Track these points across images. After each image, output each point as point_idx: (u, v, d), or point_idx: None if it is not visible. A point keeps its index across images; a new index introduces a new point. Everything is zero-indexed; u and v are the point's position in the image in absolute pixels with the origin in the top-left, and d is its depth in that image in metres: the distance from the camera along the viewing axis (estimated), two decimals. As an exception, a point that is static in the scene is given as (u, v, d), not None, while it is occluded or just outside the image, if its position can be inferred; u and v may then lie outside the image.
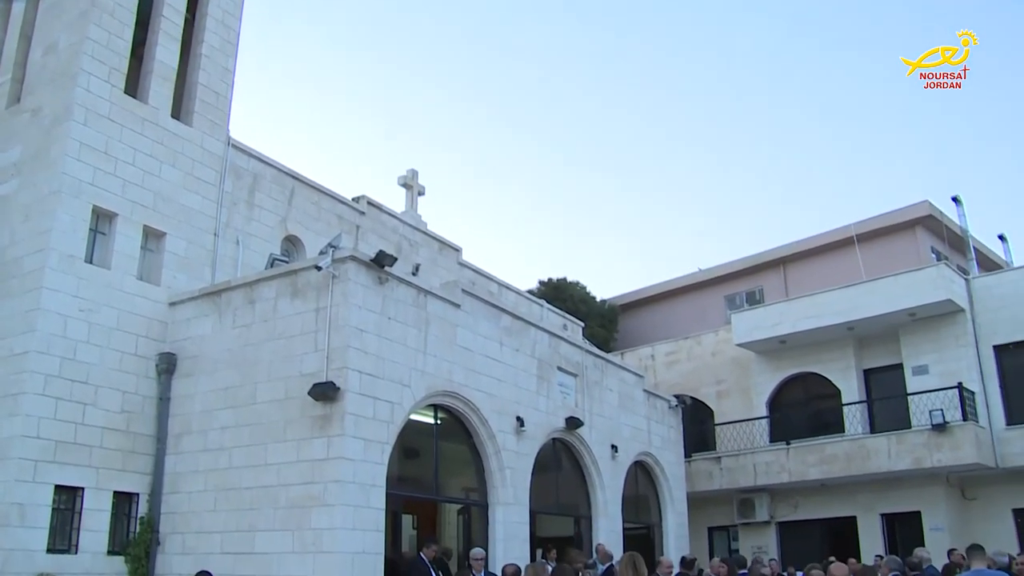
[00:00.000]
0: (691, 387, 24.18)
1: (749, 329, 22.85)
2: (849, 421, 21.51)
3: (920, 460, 19.20)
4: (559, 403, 16.14)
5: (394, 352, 12.34)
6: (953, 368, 20.27)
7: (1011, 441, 19.77)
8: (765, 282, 27.92)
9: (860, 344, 22.18)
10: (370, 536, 11.47)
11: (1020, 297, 20.24)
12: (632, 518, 18.66)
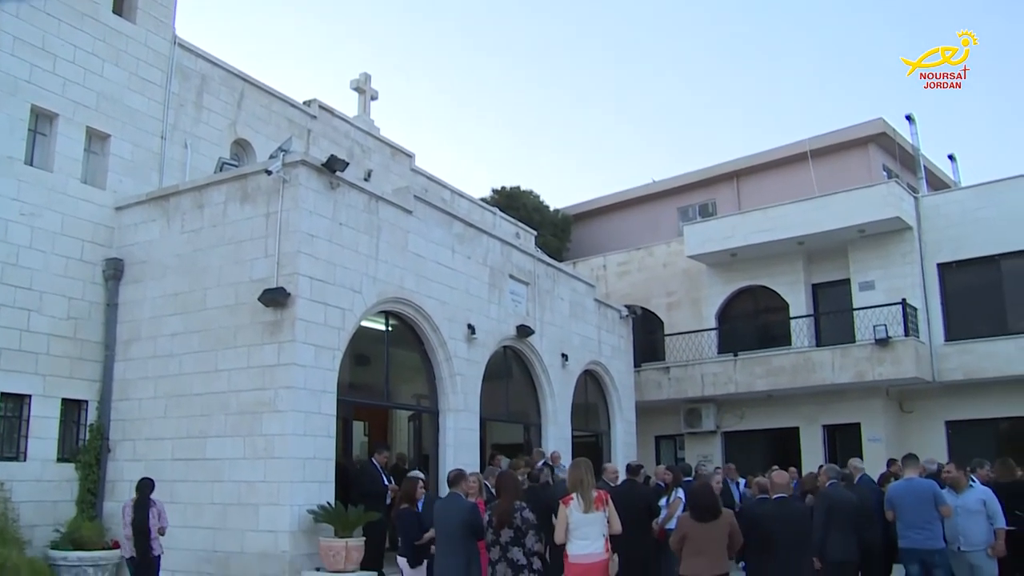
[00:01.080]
0: (642, 298, 24.35)
1: (701, 241, 22.97)
2: (796, 334, 21.88)
3: (862, 373, 19.66)
4: (510, 311, 16.20)
5: (345, 258, 12.23)
6: (898, 285, 20.64)
7: (948, 357, 20.30)
8: (718, 195, 27.99)
9: (809, 259, 22.44)
10: (321, 442, 11.52)
11: (966, 217, 20.52)
12: (581, 426, 18.95)
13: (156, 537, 10.23)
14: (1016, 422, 20.11)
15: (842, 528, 9.70)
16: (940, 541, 9.59)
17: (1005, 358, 19.48)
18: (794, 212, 21.45)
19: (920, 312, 20.37)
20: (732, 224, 22.68)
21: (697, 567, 7.87)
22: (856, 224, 20.59)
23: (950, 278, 20.81)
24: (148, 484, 10.39)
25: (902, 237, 20.88)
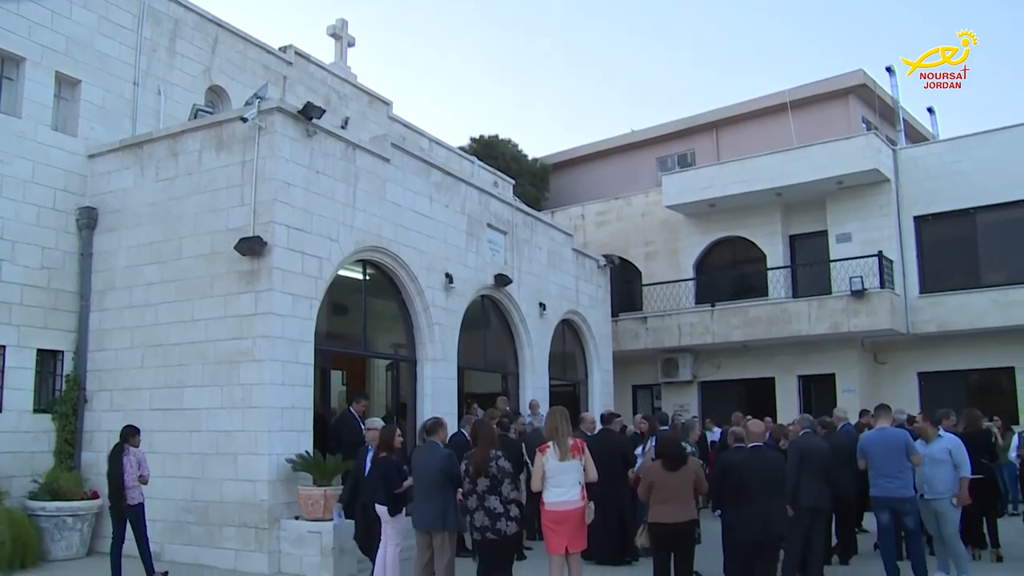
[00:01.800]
0: (620, 247, 24.39)
1: (679, 191, 22.96)
2: (773, 285, 22.02)
3: (838, 325, 19.83)
4: (488, 260, 16.17)
5: (322, 206, 12.13)
6: (875, 237, 20.78)
7: (923, 309, 20.53)
8: (697, 145, 27.94)
9: (787, 210, 22.50)
10: (299, 391, 11.53)
11: (943, 170, 20.60)
12: (559, 375, 19.05)
13: (133, 486, 10.02)
14: (985, 374, 20.47)
15: (814, 476, 9.85)
16: (910, 489, 9.74)
17: (977, 311, 19.73)
18: (773, 163, 21.47)
19: (896, 264, 20.55)
20: (710, 175, 22.68)
21: (664, 514, 7.98)
22: (834, 176, 20.65)
23: (926, 231, 20.97)
24: (124, 432, 10.22)
25: (880, 189, 20.96)
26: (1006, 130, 20.00)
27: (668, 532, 7.98)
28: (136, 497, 10.08)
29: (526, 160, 30.41)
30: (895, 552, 9.95)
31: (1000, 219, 20.21)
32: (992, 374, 20.45)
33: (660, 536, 8.04)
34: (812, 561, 9.89)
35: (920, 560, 9.70)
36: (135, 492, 10.09)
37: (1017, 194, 19.66)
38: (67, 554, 11.75)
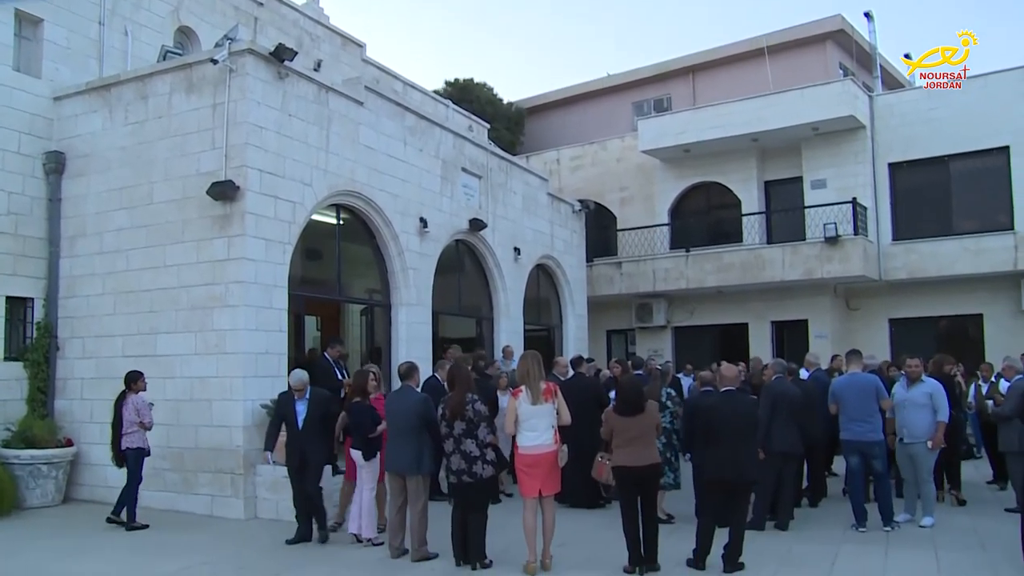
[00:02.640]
0: (595, 192, 24.33)
1: (655, 136, 22.86)
2: (747, 231, 22.05)
3: (811, 271, 19.94)
4: (463, 204, 16.09)
5: (295, 150, 11.98)
6: (849, 183, 20.82)
7: (895, 256, 20.69)
8: (673, 90, 27.80)
9: (763, 156, 22.48)
10: (273, 337, 11.49)
11: (918, 117, 20.61)
12: (533, 320, 19.10)
13: (130, 432, 10.29)
14: (955, 320, 20.75)
15: (785, 421, 9.97)
16: (880, 434, 9.88)
17: (948, 258, 19.93)
18: (749, 109, 21.39)
19: (869, 211, 20.65)
20: (686, 119, 22.58)
21: (626, 458, 8.04)
22: (810, 122, 20.62)
23: (900, 178, 21.05)
24: (127, 378, 10.49)
25: (855, 136, 20.97)
26: (981, 78, 19.98)
27: (631, 475, 8.05)
28: (133, 442, 10.33)
29: (501, 104, 30.17)
30: (863, 495, 10.12)
31: (973, 167, 20.32)
32: (961, 321, 20.73)
33: (623, 479, 8.12)
34: (782, 504, 10.05)
35: (887, 502, 9.89)
36: (132, 437, 10.34)
37: (990, 142, 19.75)
38: (42, 502, 11.74)
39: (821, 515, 10.92)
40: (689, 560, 8.21)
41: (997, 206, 19.92)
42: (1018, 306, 19.63)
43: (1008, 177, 19.72)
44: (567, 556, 8.46)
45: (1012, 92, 19.45)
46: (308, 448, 9.39)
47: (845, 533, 9.74)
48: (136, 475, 10.31)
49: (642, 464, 8.03)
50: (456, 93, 28.15)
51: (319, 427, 9.46)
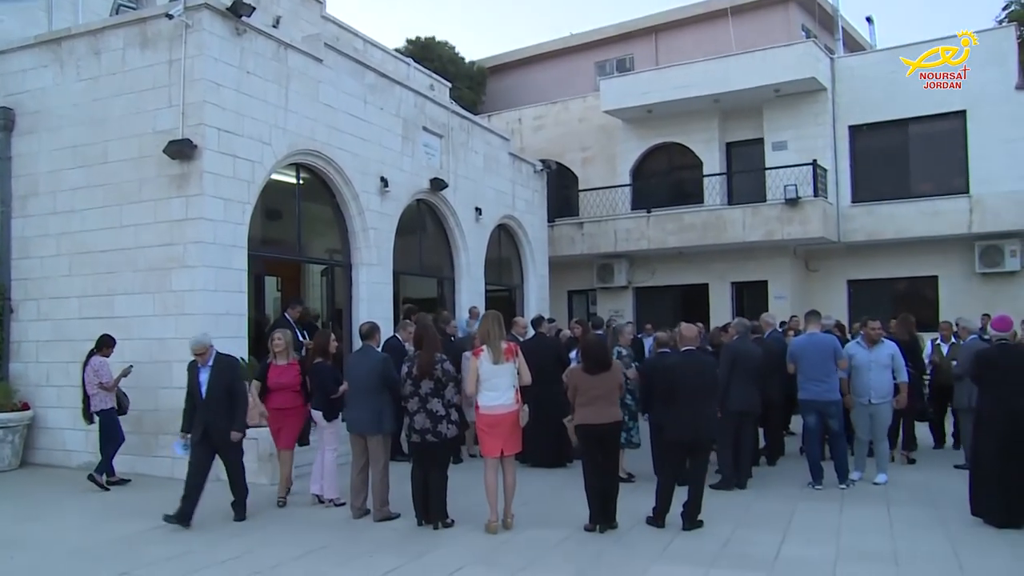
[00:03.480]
0: (557, 152, 24.27)
1: (617, 96, 22.79)
2: (708, 192, 22.11)
3: (772, 232, 20.07)
4: (424, 164, 15.97)
5: (254, 108, 11.79)
6: (810, 145, 20.90)
7: (854, 218, 20.88)
8: (636, 50, 27.71)
9: (724, 117, 22.49)
10: (233, 297, 11.38)
11: (879, 80, 20.70)
12: (495, 280, 19.10)
13: (94, 394, 10.43)
14: (912, 282, 21.04)
15: (744, 380, 10.07)
16: (836, 393, 10.01)
17: (905, 221, 20.17)
18: (711, 69, 21.36)
19: (829, 173, 20.77)
20: (649, 80, 22.52)
21: (588, 416, 8.10)
22: (772, 83, 20.64)
23: (860, 140, 21.20)
24: (99, 341, 10.66)
25: (816, 98, 21.03)
26: (941, 40, 20.08)
27: (593, 433, 8.11)
28: (98, 404, 10.45)
29: (463, 63, 29.92)
30: (820, 453, 10.28)
31: (931, 131, 20.49)
32: (917, 282, 21.01)
33: (586, 437, 8.19)
34: (741, 462, 10.18)
35: (843, 461, 10.06)
36: (98, 399, 10.45)
37: (948, 106, 19.88)
38: (0, 466, 11.62)
39: (779, 474, 11.09)
40: (649, 518, 8.30)
41: (953, 170, 20.13)
42: (972, 268, 19.93)
43: (964, 141, 19.93)
44: (528, 515, 8.53)
45: (970, 56, 19.54)
46: (211, 421, 8.56)
47: (802, 491, 9.90)
48: (110, 435, 10.39)
49: (605, 422, 8.09)
50: (417, 52, 27.85)
51: (224, 397, 8.58)
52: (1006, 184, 19.22)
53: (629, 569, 6.82)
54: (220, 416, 8.59)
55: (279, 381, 9.42)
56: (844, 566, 6.84)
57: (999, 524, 7.96)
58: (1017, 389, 8.12)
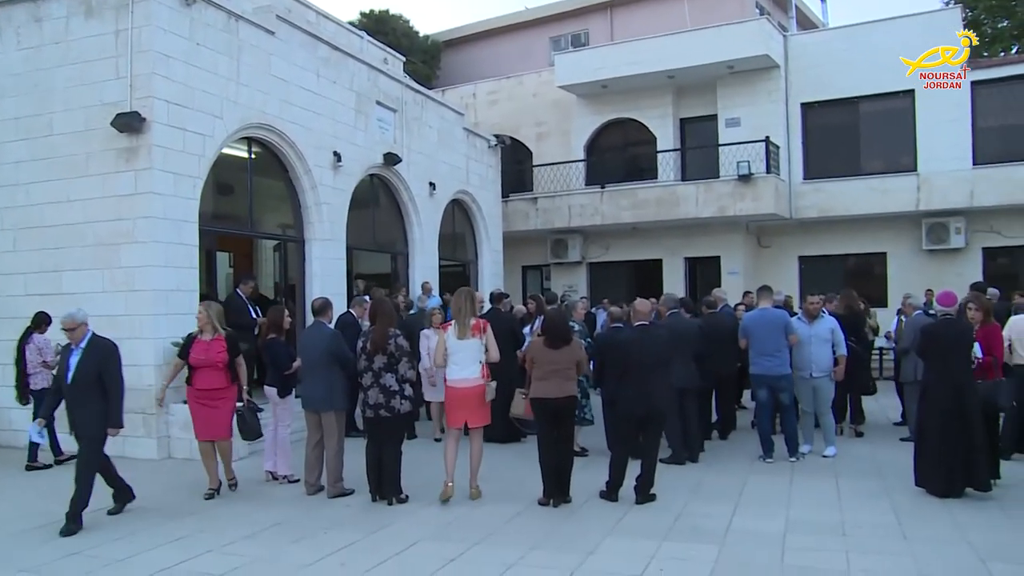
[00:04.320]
0: (511, 127, 24.18)
1: (572, 72, 22.73)
2: (662, 168, 22.18)
3: (724, 208, 20.21)
4: (377, 139, 15.85)
5: (204, 81, 11.59)
6: (763, 122, 21.03)
7: (806, 194, 21.12)
8: (591, 25, 27.65)
9: (679, 93, 22.56)
10: (184, 273, 11.22)
11: (831, 58, 20.88)
12: (448, 255, 19.06)
13: (35, 372, 10.35)
14: (862, 258, 21.39)
15: (683, 356, 10.06)
16: (787, 367, 10.13)
17: (855, 197, 20.46)
18: (666, 45, 21.37)
19: (782, 150, 20.95)
20: (603, 55, 22.50)
21: (544, 389, 8.15)
22: (726, 60, 20.71)
23: (812, 118, 21.40)
24: (35, 319, 10.59)
25: (769, 75, 21.16)
26: (892, 21, 20.37)
27: (548, 407, 8.16)
28: (42, 382, 10.31)
29: (417, 37, 29.70)
30: (771, 427, 10.42)
31: (881, 109, 20.76)
32: (867, 259, 21.37)
33: (541, 411, 8.24)
34: (691, 437, 10.27)
35: (793, 433, 10.21)
36: (38, 378, 10.36)
37: (897, 85, 20.10)
38: (-58, 445, 11.40)
39: (731, 447, 11.24)
40: (602, 492, 8.38)
41: (902, 148, 20.44)
42: (919, 245, 20.29)
43: (913, 120, 20.21)
44: (483, 489, 8.55)
45: (918, 36, 19.81)
46: (76, 411, 7.68)
47: (753, 464, 10.06)
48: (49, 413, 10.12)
49: (560, 396, 8.15)
50: (371, 25, 27.58)
51: (91, 386, 7.61)
52: (951, 163, 19.60)
53: (583, 543, 6.88)
54: (82, 407, 7.62)
55: (200, 357, 8.58)
56: (793, 537, 6.96)
57: (941, 494, 8.16)
58: (960, 363, 8.32)
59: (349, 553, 6.75)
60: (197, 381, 8.64)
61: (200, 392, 8.64)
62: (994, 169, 19.33)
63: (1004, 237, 19.79)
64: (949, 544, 6.73)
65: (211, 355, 8.59)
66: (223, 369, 8.62)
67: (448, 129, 18.74)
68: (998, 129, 19.85)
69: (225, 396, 8.70)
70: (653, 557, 6.47)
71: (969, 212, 19.79)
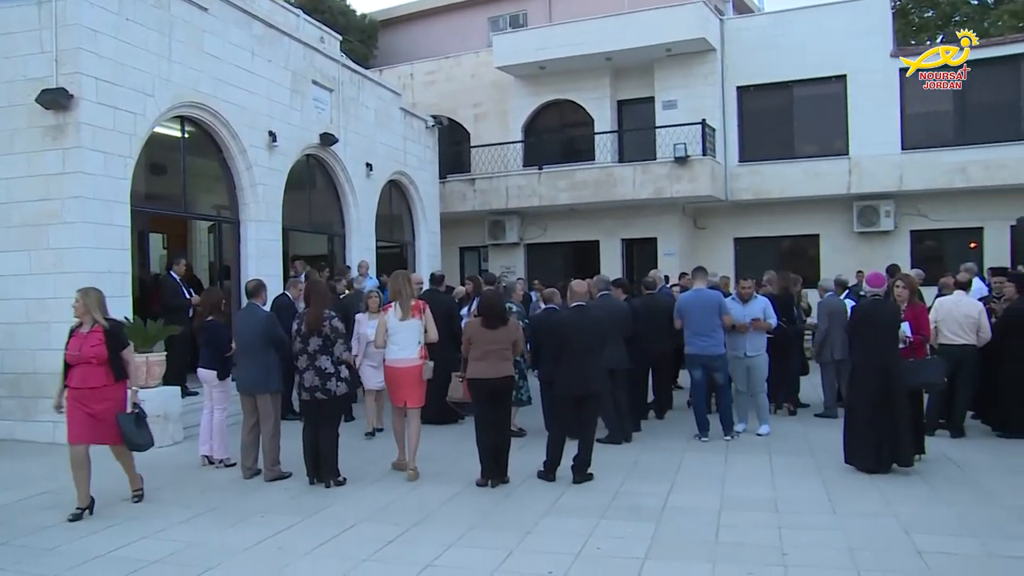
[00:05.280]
0: (449, 108, 24.09)
1: (510, 52, 22.68)
2: (600, 150, 22.28)
3: (661, 190, 20.37)
4: (313, 119, 15.66)
5: (134, 58, 11.30)
6: (699, 105, 21.22)
7: (741, 177, 21.41)
8: (529, 6, 27.58)
9: (616, 75, 22.65)
10: (116, 255, 10.96)
11: (765, 42, 21.14)
12: (386, 236, 18.95)
13: None
14: (796, 240, 21.76)
15: (613, 337, 10.11)
16: (722, 347, 10.27)
17: (790, 180, 20.81)
18: (604, 27, 21.42)
19: (718, 133, 21.18)
20: (542, 36, 22.47)
21: (481, 370, 8.18)
22: (663, 43, 20.84)
23: (747, 101, 21.67)
24: None
25: (706, 58, 21.36)
26: (825, 7, 20.73)
27: (485, 387, 8.19)
28: None
29: (354, 15, 29.39)
30: (706, 406, 10.57)
31: (814, 94, 21.10)
32: (800, 240, 21.75)
33: (478, 391, 8.27)
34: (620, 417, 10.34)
35: (728, 412, 10.38)
36: None
37: (830, 70, 20.52)
38: None
39: (667, 427, 11.38)
40: (540, 472, 8.43)
41: (834, 132, 20.82)
42: (850, 227, 20.74)
43: (845, 105, 20.60)
44: (421, 471, 8.56)
45: (850, 23, 20.23)
46: None
47: (689, 443, 10.19)
48: None
49: (497, 376, 8.18)
50: (307, 3, 27.15)
51: None
52: (881, 148, 20.05)
53: (521, 522, 6.92)
54: None
55: (74, 353, 7.40)
56: (728, 514, 7.08)
57: (869, 470, 8.38)
58: (888, 342, 8.52)
59: (287, 536, 6.70)
60: (72, 379, 7.42)
61: (76, 392, 7.39)
62: (921, 154, 19.86)
63: (931, 220, 20.33)
64: (877, 518, 6.90)
65: (85, 350, 7.36)
66: (101, 365, 7.37)
67: (385, 109, 18.58)
68: (925, 115, 20.33)
69: (108, 397, 7.43)
70: (590, 535, 6.54)
71: (898, 196, 20.27)
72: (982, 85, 19.43)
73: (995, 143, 19.24)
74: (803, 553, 6.06)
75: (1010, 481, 8.14)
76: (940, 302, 10.51)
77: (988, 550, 6.09)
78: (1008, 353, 10.11)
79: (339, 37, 23.76)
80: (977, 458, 9.10)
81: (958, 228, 20.16)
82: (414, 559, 6.08)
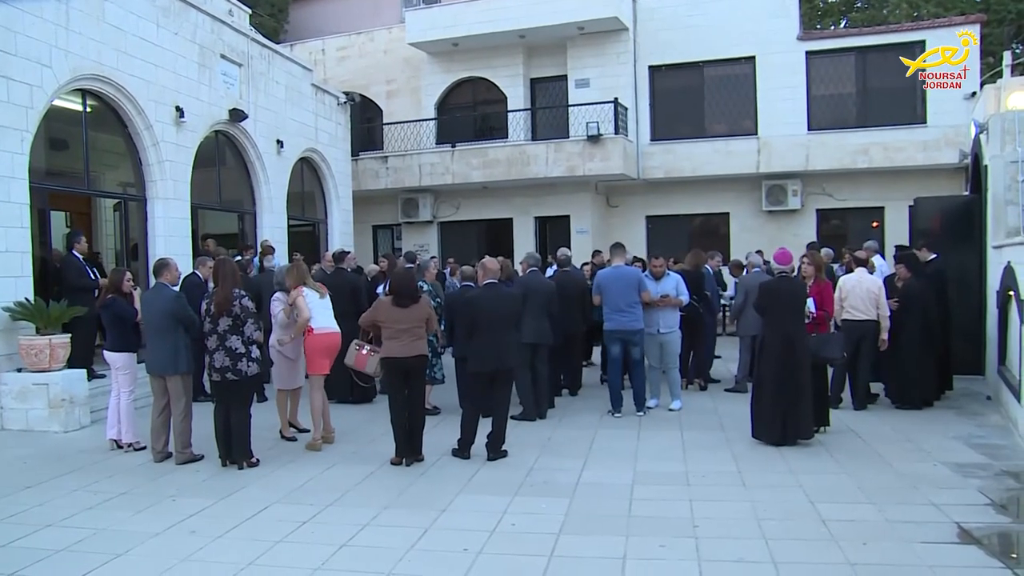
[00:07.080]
0: (361, 85, 23.81)
1: (423, 29, 22.51)
2: (513, 128, 22.28)
3: (574, 168, 20.49)
4: (222, 94, 15.31)
5: (28, 25, 10.82)
6: (612, 84, 21.40)
7: (653, 155, 21.67)
8: (443, -20, 27.38)
9: (530, 53, 22.67)
10: (14, 233, 10.55)
11: (677, 21, 21.40)
12: (297, 214, 18.68)
13: None
14: (706, 218, 22.19)
15: (535, 313, 10.25)
16: (640, 323, 10.36)
17: (701, 159, 21.16)
18: (517, 5, 21.36)
19: (630, 112, 21.38)
20: (455, 13, 22.33)
21: (396, 349, 8.16)
22: (576, 21, 20.92)
23: (659, 80, 21.92)
24: None
25: (618, 38, 21.53)
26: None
27: (399, 366, 8.17)
28: None
29: (263, -12, 28.70)
30: (621, 382, 10.71)
31: (724, 74, 21.48)
32: (711, 219, 22.19)
33: (392, 370, 8.25)
34: (540, 393, 10.45)
35: (641, 388, 10.53)
36: None
37: (739, 51, 20.92)
38: None
39: (580, 402, 11.51)
40: (454, 450, 8.46)
41: (744, 112, 21.26)
42: (759, 206, 21.20)
43: (754, 85, 21.05)
44: (335, 451, 8.53)
45: (759, 5, 20.65)
46: None
47: (602, 419, 10.33)
48: None
49: (411, 355, 8.16)
50: (214, -27, 26.50)
51: None
52: (788, 128, 20.55)
53: (436, 500, 6.93)
54: None
55: None
56: (641, 488, 7.21)
57: (776, 443, 8.63)
58: (794, 318, 8.76)
59: (199, 520, 6.60)
60: None
61: None
62: (826, 135, 20.44)
63: (835, 200, 20.92)
64: (784, 489, 7.11)
65: None
66: None
67: (296, 85, 18.26)
68: (829, 97, 20.88)
69: None
70: (505, 512, 6.59)
71: (804, 175, 20.79)
72: (880, 70, 20.04)
73: (894, 126, 19.89)
74: (714, 525, 6.20)
75: (905, 449, 8.49)
76: (844, 280, 10.82)
77: (885, 516, 6.33)
78: (903, 329, 10.51)
79: (248, 10, 23.18)
80: (877, 429, 9.45)
81: (861, 207, 20.80)
82: (329, 539, 6.05)
